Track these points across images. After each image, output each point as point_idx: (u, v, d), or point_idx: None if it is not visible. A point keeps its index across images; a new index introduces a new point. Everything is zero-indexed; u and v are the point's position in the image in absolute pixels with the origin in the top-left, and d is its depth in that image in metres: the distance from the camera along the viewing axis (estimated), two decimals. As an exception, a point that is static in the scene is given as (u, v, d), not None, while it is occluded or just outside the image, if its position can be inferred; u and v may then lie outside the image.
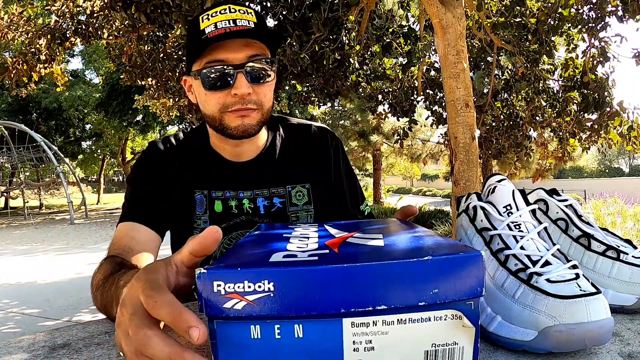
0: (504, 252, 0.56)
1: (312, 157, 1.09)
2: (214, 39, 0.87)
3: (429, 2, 2.62)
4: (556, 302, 0.48)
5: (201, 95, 0.94)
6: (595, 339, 0.47)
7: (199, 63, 0.91)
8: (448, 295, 0.39)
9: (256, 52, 0.90)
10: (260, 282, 0.38)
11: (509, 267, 0.55)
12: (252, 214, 1.02)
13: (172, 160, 1.03)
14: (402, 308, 0.39)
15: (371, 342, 0.40)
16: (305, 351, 0.39)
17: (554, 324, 0.47)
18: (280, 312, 0.38)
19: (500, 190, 0.61)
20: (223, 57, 0.89)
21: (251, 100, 0.91)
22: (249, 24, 0.89)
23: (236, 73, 0.89)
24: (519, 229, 0.58)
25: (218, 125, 0.94)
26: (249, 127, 0.93)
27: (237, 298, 0.38)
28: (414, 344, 0.40)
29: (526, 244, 0.56)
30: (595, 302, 0.48)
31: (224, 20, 0.88)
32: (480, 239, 0.59)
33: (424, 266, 0.38)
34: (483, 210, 0.60)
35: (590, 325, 0.47)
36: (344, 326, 0.39)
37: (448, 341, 0.41)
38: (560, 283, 0.50)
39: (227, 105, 0.91)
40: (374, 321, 0.39)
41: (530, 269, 0.53)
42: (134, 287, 0.44)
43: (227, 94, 0.91)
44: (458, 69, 2.64)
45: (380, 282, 0.38)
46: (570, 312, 0.47)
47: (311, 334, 0.39)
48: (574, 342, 0.47)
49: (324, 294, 0.38)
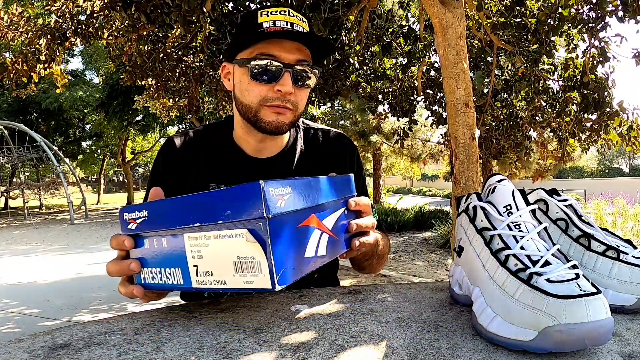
0: (503, 252, 0.56)
1: (329, 161, 1.11)
2: (272, 34, 0.91)
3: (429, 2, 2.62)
4: (556, 302, 0.48)
5: (243, 84, 0.97)
6: (596, 339, 0.47)
7: (249, 52, 0.94)
8: (237, 216, 0.52)
9: (305, 57, 0.96)
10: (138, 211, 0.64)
11: (509, 267, 0.55)
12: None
13: (188, 155, 1.06)
14: (211, 225, 0.55)
15: (200, 252, 0.58)
16: (166, 255, 0.62)
17: (554, 323, 0.47)
18: (152, 229, 0.63)
19: (500, 190, 0.61)
20: (276, 53, 0.93)
21: (290, 100, 0.95)
22: (304, 31, 0.96)
23: (284, 71, 0.93)
24: (519, 229, 0.58)
25: (252, 116, 0.97)
26: (281, 124, 0.97)
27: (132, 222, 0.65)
28: (225, 255, 0.55)
29: (526, 244, 0.56)
30: (595, 302, 0.48)
31: (283, 21, 0.94)
32: (480, 239, 0.59)
33: (218, 194, 0.54)
34: (483, 210, 0.60)
35: (590, 325, 0.47)
36: (185, 239, 0.59)
37: (247, 255, 0.53)
38: (560, 283, 0.50)
39: (267, 99, 0.95)
40: (199, 236, 0.57)
41: (530, 269, 0.53)
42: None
43: (270, 89, 0.94)
44: (458, 69, 2.64)
45: (196, 206, 0.56)
46: (570, 312, 0.47)
47: (169, 243, 0.61)
48: (574, 342, 0.47)
49: (172, 216, 0.59)
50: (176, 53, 4.64)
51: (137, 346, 0.55)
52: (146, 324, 0.64)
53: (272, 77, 0.93)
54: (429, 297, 0.74)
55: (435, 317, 0.64)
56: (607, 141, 4.47)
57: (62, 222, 15.65)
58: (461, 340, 0.55)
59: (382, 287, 0.82)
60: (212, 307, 0.72)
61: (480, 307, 0.56)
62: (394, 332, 0.58)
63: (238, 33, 1.00)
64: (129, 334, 0.60)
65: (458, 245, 0.66)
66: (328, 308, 0.69)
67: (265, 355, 0.51)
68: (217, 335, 0.58)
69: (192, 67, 4.95)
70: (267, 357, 0.51)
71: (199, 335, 0.58)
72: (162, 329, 0.61)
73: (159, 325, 0.63)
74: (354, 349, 0.52)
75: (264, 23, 0.93)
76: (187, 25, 3.25)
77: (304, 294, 0.78)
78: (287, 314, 0.66)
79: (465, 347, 0.52)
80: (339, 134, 1.17)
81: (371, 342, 0.54)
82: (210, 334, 0.58)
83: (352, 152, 1.16)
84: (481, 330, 0.54)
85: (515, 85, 5.00)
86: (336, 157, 1.12)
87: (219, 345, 0.55)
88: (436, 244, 8.13)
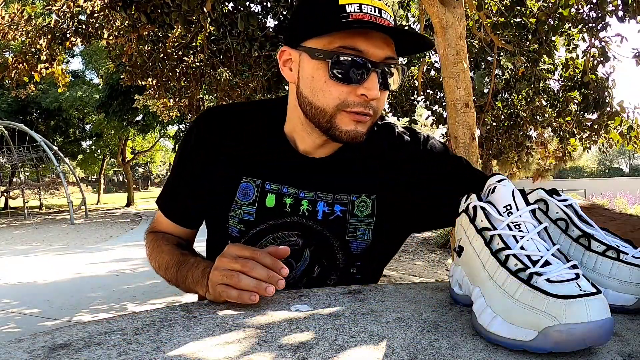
0: (503, 252, 0.56)
1: (395, 167, 0.92)
2: (360, 23, 0.75)
3: (429, 2, 2.62)
4: (556, 302, 0.48)
5: (317, 81, 0.80)
6: (596, 338, 0.47)
7: (327, 42, 0.78)
8: None
9: (392, 54, 0.81)
10: None
11: (509, 267, 0.55)
12: (307, 218, 0.90)
13: (226, 138, 0.92)
14: None
15: None
16: None
17: (554, 323, 0.47)
18: None
19: (500, 190, 0.61)
20: (364, 49, 0.77)
21: (373, 105, 0.81)
22: (390, 19, 0.80)
23: (372, 71, 0.78)
24: (519, 229, 0.58)
25: (326, 122, 0.82)
26: (360, 134, 0.82)
27: None
28: None
29: (526, 244, 0.56)
30: (595, 302, 0.48)
31: (370, 6, 0.77)
32: (480, 239, 0.59)
33: None
34: (483, 210, 0.60)
35: (590, 325, 0.47)
36: None
37: None
38: (560, 283, 0.50)
39: (348, 104, 0.79)
40: None
41: (530, 269, 0.53)
42: (231, 247, 0.71)
43: (352, 91, 0.79)
44: (458, 69, 2.64)
45: None
46: (571, 312, 0.47)
47: None
48: (574, 342, 0.47)
49: None
50: (176, 53, 4.64)
51: (137, 346, 0.55)
52: (146, 324, 0.64)
53: (357, 77, 0.77)
54: (429, 297, 0.74)
55: (435, 317, 0.64)
56: (607, 140, 4.47)
57: (62, 222, 15.65)
58: (461, 340, 0.55)
59: (382, 287, 0.82)
60: (212, 307, 0.72)
61: (481, 307, 0.56)
62: (394, 332, 0.58)
63: (310, 12, 0.82)
64: (129, 334, 0.60)
65: (458, 245, 0.66)
66: (328, 308, 0.69)
67: (265, 355, 0.51)
68: (217, 335, 0.58)
69: (193, 67, 4.95)
70: (267, 357, 0.51)
71: (198, 335, 0.58)
72: (162, 329, 0.61)
73: (159, 325, 0.63)
74: (354, 349, 0.52)
75: (347, 6, 0.76)
76: (187, 25, 3.26)
77: (304, 294, 0.78)
78: (287, 314, 0.66)
79: (465, 347, 0.52)
80: (403, 129, 0.97)
81: (371, 342, 0.54)
82: (210, 334, 0.58)
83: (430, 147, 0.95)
84: (481, 330, 0.54)
85: (516, 85, 5.00)
86: (399, 156, 0.93)
87: (219, 345, 0.55)
88: (436, 244, 8.13)
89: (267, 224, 0.91)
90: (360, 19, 0.75)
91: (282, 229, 0.91)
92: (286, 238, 0.91)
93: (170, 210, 1.01)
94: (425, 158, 0.94)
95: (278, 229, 0.91)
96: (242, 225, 0.91)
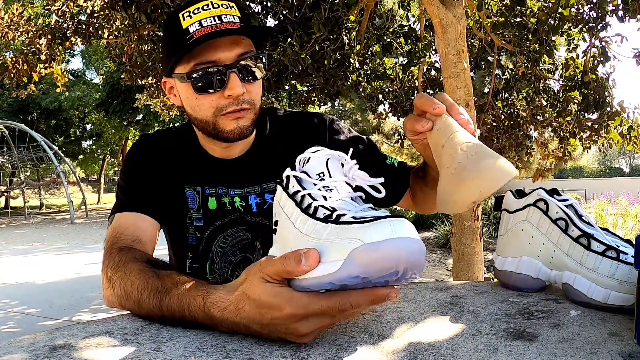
0: (312, 204, 0.53)
1: (303, 144, 1.01)
2: (201, 39, 0.82)
3: (430, 2, 2.62)
4: (361, 226, 0.46)
5: (191, 100, 0.89)
6: (405, 258, 0.44)
7: (186, 65, 0.86)
8: None
9: (245, 49, 0.87)
10: None
11: (318, 216, 0.52)
12: (244, 212, 0.99)
13: (164, 153, 1.00)
14: None
15: None
16: None
17: (358, 245, 0.45)
18: None
19: (313, 159, 0.58)
20: (214, 58, 0.84)
21: (245, 100, 0.88)
22: (234, 19, 0.86)
23: (229, 73, 0.85)
24: (330, 191, 0.55)
25: (212, 129, 0.90)
26: (244, 128, 0.90)
27: None
28: None
29: (336, 203, 0.54)
30: (400, 223, 0.46)
31: (209, 18, 0.84)
32: (291, 202, 0.56)
33: None
34: (295, 177, 0.58)
35: (397, 242, 0.44)
36: None
37: None
38: (368, 218, 0.48)
39: (222, 108, 0.87)
40: None
41: (336, 212, 0.51)
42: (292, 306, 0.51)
43: (220, 96, 0.87)
44: (458, 69, 2.64)
45: None
46: (374, 229, 0.45)
47: None
48: (382, 261, 0.44)
49: None
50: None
51: (137, 346, 0.55)
52: (146, 324, 0.64)
53: (218, 84, 0.85)
54: (429, 297, 0.74)
55: (435, 317, 0.64)
56: (608, 140, 4.47)
57: (63, 221, 15.65)
58: (461, 340, 0.55)
59: (382, 287, 0.82)
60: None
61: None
62: (394, 332, 0.58)
63: (166, 43, 0.91)
64: (129, 334, 0.60)
65: (274, 221, 0.60)
66: (328, 308, 0.69)
67: (266, 355, 0.51)
68: (217, 335, 0.58)
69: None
70: (268, 357, 0.51)
71: (199, 335, 0.58)
72: (162, 329, 0.61)
73: (159, 325, 0.63)
74: (354, 349, 0.52)
75: (190, 27, 0.83)
76: (188, 25, 3.25)
77: (304, 293, 0.78)
78: (287, 314, 0.66)
79: (465, 347, 0.52)
80: (309, 114, 1.08)
81: (371, 342, 0.54)
82: (210, 334, 0.58)
83: (331, 125, 1.06)
84: (297, 285, 0.51)
85: (516, 85, 4.99)
86: (311, 138, 0.98)
87: (219, 345, 0.55)
88: (436, 244, 8.13)
89: (215, 225, 0.99)
90: (202, 34, 0.82)
91: (229, 226, 0.99)
92: (236, 234, 0.99)
93: (130, 202, 0.95)
94: (331, 129, 1.05)
95: (226, 227, 0.99)
96: (197, 231, 0.99)
